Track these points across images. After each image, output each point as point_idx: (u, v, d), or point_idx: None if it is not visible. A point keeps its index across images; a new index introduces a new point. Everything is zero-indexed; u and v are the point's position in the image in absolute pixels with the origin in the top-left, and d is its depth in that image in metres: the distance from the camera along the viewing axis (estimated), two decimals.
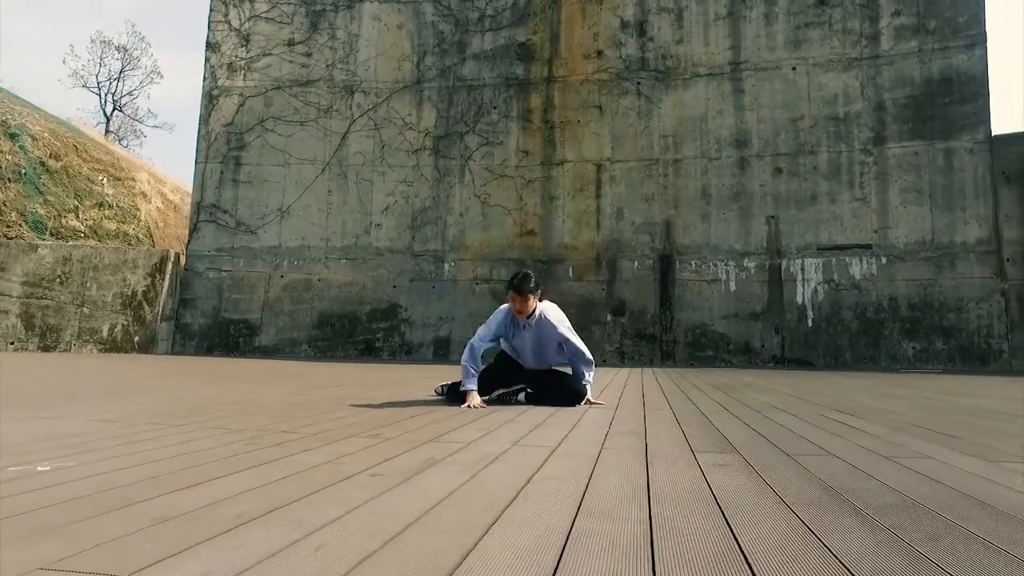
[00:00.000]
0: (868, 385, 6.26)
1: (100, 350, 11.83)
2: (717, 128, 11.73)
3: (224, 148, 12.92)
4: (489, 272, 12.24)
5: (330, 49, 13.06)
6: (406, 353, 12.07)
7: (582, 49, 12.51)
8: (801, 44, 11.40)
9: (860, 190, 10.81)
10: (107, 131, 35.64)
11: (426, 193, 12.58)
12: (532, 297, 3.97)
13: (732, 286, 11.32)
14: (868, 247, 10.64)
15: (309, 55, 13.08)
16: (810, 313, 10.81)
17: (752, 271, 11.25)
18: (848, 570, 1.16)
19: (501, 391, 4.15)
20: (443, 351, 12.03)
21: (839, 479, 1.97)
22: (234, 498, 1.53)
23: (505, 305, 4.14)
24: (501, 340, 4.23)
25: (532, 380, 4.18)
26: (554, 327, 4.10)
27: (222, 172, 12.85)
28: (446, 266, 12.36)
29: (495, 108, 12.64)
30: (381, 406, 3.76)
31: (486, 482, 1.80)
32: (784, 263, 11.11)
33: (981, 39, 10.53)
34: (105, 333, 11.91)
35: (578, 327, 12.42)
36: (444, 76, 12.82)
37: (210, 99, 13.19)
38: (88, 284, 12.08)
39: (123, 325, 11.97)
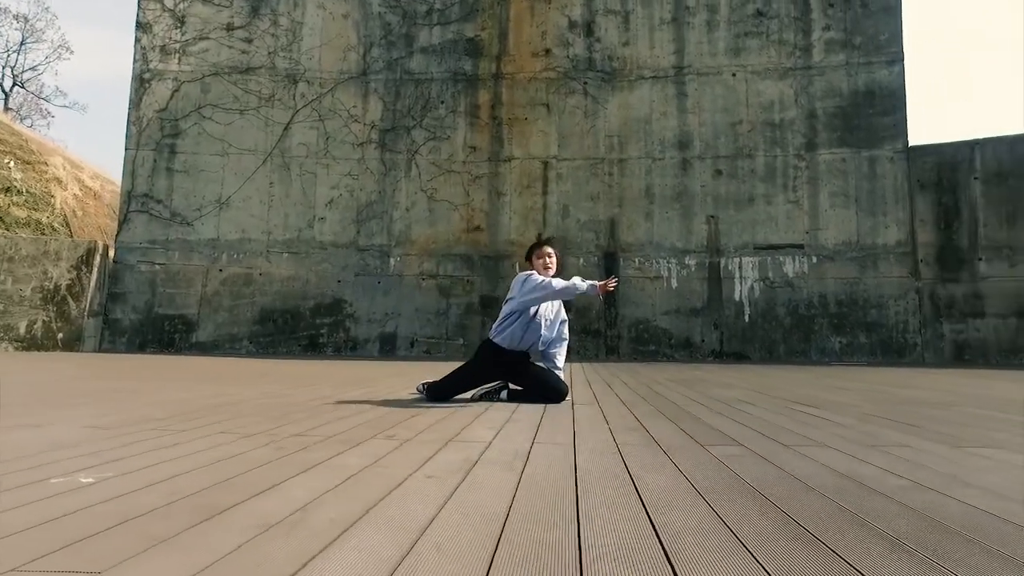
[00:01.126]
0: (811, 378, 6.69)
1: (17, 348, 11.06)
2: (661, 129, 12.12)
3: (157, 135, 12.30)
4: (436, 267, 12.21)
5: (272, 36, 12.65)
6: (351, 349, 11.90)
7: (530, 47, 12.63)
8: (741, 52, 11.93)
9: (793, 193, 11.45)
10: (6, 108, 33.14)
11: (372, 187, 12.41)
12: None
13: (674, 283, 11.75)
14: (800, 247, 11.30)
15: (250, 41, 12.63)
16: (747, 309, 11.37)
17: (693, 269, 11.71)
18: (903, 544, 1.31)
19: (484, 390, 4.19)
20: (389, 347, 11.93)
21: (845, 466, 2.15)
22: (314, 504, 1.54)
23: (524, 274, 4.06)
24: (517, 316, 4.05)
25: (513, 376, 4.21)
26: None
27: (155, 160, 12.24)
28: (392, 261, 12.24)
29: (442, 103, 12.60)
30: (372, 406, 3.75)
31: (538, 479, 1.88)
32: (723, 261, 11.62)
33: (900, 56, 11.34)
34: (23, 330, 11.14)
35: None
36: (391, 69, 12.66)
37: (141, 82, 12.52)
38: (2, 277, 11.26)
39: (44, 321, 11.23)
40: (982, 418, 3.54)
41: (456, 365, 4.32)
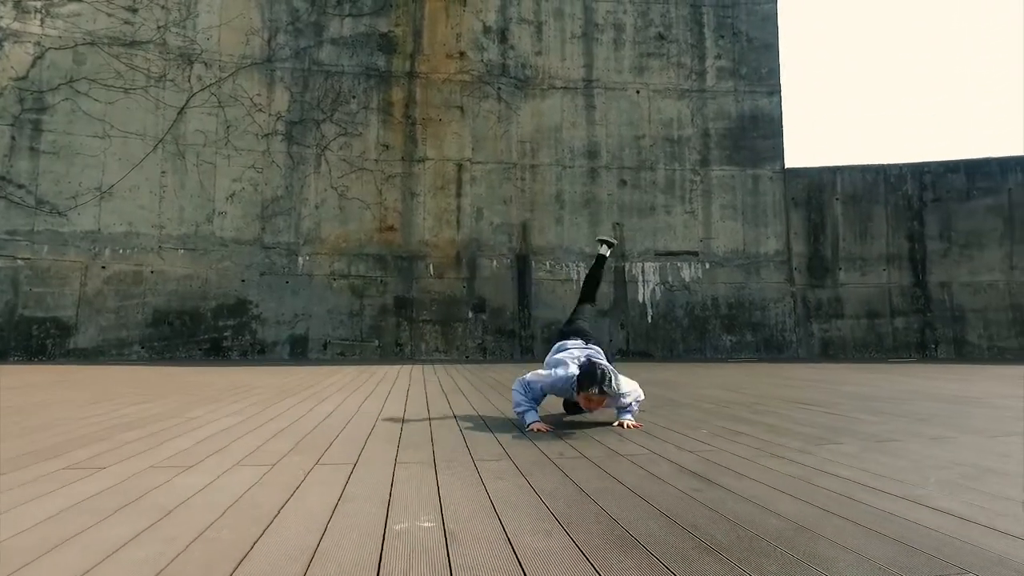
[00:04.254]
0: (747, 375, 7.49)
1: None
2: (571, 139, 12.68)
3: (16, 107, 10.66)
4: (347, 267, 11.83)
5: (162, 8, 11.46)
6: (259, 352, 11.18)
7: (445, 48, 12.61)
8: (644, 71, 12.82)
9: (690, 204, 12.55)
10: None
11: (278, 181, 11.73)
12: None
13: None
14: (695, 254, 12.41)
15: (134, 11, 11.33)
16: (649, 310, 12.28)
17: None
18: None
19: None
20: (300, 350, 11.37)
21: (947, 456, 2.61)
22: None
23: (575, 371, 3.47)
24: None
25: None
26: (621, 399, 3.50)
27: (13, 137, 10.60)
28: (300, 260, 11.67)
29: (354, 98, 12.20)
30: (398, 422, 3.73)
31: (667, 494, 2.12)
32: (627, 266, 12.44)
33: (777, 88, 12.86)
34: None
35: (441, 324, 12.57)
36: (299, 58, 12.02)
37: None
38: None
39: None
40: (948, 411, 4.29)
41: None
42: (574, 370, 3.43)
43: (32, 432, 3.12)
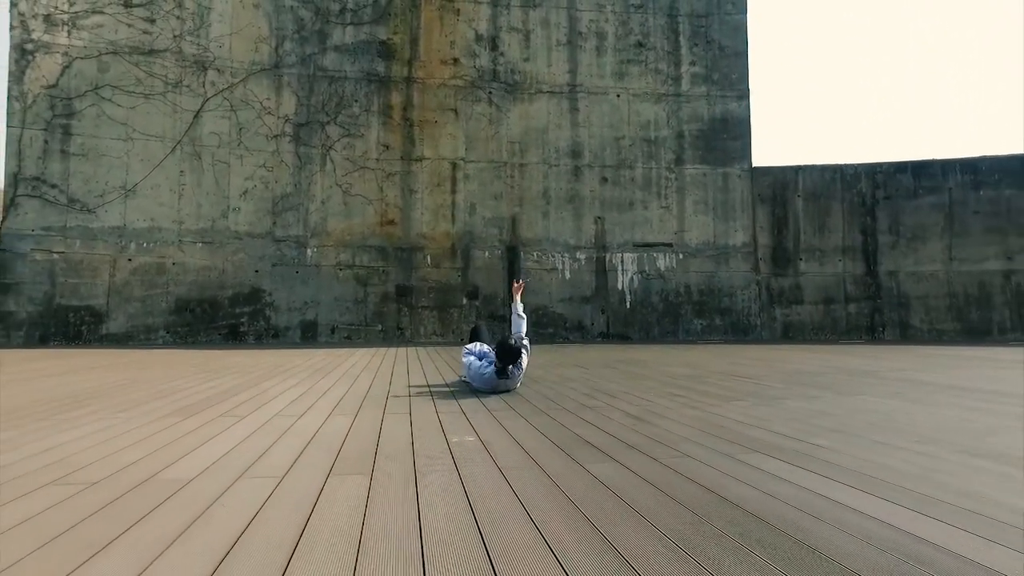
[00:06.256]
0: (708, 355, 8.73)
1: None
2: (556, 139, 13.78)
3: (48, 113, 11.57)
4: (352, 258, 12.91)
5: (177, 18, 12.36)
6: (273, 337, 12.27)
7: (440, 55, 13.62)
8: (624, 76, 13.92)
9: (665, 200, 13.73)
10: None
11: (287, 179, 12.74)
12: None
13: (567, 274, 13.56)
14: (670, 245, 13.63)
15: (152, 21, 12.23)
16: (628, 297, 13.51)
17: (583, 262, 13.59)
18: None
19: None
20: (311, 334, 12.48)
21: (809, 408, 3.81)
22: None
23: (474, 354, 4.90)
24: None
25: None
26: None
27: (46, 141, 11.53)
28: (309, 252, 12.73)
29: (356, 101, 13.19)
30: (427, 389, 4.89)
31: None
32: (608, 256, 13.63)
33: (746, 93, 14.02)
34: None
35: (438, 309, 13.68)
36: (304, 64, 12.98)
37: (23, 53, 11.65)
38: None
39: None
40: (841, 380, 5.53)
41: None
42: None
43: (158, 399, 4.25)
